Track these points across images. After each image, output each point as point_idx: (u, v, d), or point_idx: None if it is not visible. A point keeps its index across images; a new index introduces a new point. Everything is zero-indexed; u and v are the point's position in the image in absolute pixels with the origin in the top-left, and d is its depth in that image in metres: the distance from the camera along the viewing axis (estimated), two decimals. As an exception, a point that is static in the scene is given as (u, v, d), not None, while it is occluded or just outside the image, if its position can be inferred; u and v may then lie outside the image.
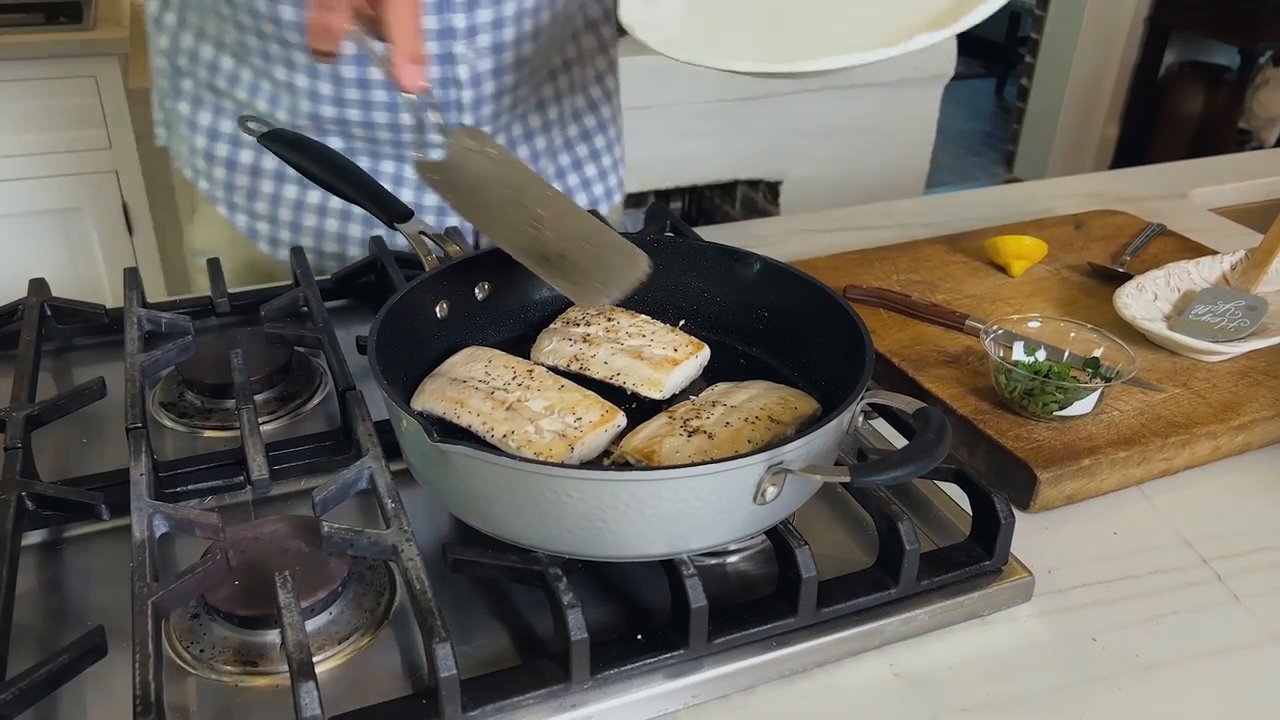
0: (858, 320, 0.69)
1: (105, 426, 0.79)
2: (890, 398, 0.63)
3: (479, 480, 0.57)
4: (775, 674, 0.61)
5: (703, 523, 0.57)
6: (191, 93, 1.01)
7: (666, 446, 0.64)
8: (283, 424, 0.80)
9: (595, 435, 0.66)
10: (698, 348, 0.76)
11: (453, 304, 0.76)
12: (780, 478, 0.56)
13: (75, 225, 2.13)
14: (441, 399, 0.68)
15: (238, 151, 1.01)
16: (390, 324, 0.68)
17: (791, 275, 0.77)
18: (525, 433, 0.65)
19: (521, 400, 0.67)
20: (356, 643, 0.61)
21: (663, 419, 0.68)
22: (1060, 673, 0.62)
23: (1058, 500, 0.75)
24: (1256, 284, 0.96)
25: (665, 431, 0.66)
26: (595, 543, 0.57)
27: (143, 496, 0.63)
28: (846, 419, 0.61)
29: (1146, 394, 0.82)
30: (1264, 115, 3.80)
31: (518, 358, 0.72)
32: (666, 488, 0.55)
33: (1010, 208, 1.25)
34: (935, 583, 0.64)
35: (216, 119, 1.01)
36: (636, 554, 0.58)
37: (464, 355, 0.73)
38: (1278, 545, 0.73)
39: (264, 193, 1.02)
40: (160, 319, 0.83)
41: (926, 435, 0.58)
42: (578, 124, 1.11)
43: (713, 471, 0.55)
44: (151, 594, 0.56)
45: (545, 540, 0.58)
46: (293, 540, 0.64)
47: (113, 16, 2.11)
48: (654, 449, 0.64)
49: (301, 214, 1.02)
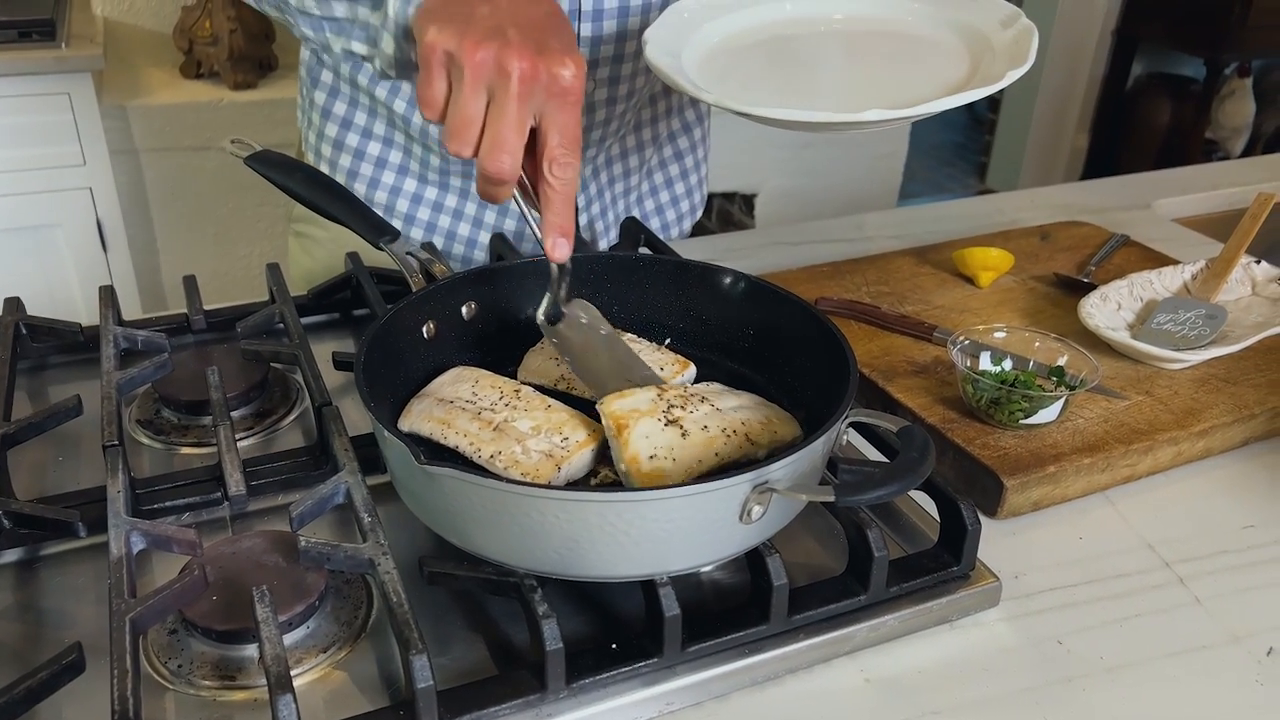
0: (842, 339, 0.70)
1: (82, 445, 0.79)
2: (873, 416, 0.65)
3: (465, 501, 0.58)
4: (748, 681, 0.62)
5: (690, 542, 0.58)
6: (330, 84, 1.06)
7: (639, 428, 0.64)
8: (259, 440, 0.81)
9: (582, 455, 0.66)
10: (684, 366, 0.77)
11: (439, 324, 0.77)
12: (766, 497, 0.57)
13: (49, 242, 2.12)
14: (428, 419, 0.69)
15: (366, 142, 1.06)
16: (377, 345, 0.68)
17: (774, 293, 0.78)
18: (512, 453, 0.66)
19: (508, 420, 0.68)
20: (334, 655, 0.61)
21: (651, 394, 0.67)
22: (1027, 675, 0.64)
23: (1024, 507, 0.77)
24: (1216, 293, 0.98)
25: (647, 410, 0.66)
26: (580, 564, 0.58)
27: (120, 513, 0.63)
28: (830, 439, 0.63)
29: (1110, 402, 0.84)
30: (1229, 126, 3.87)
31: (504, 378, 0.73)
32: (653, 508, 0.56)
33: (978, 220, 1.27)
34: (904, 589, 0.66)
35: (351, 110, 1.05)
36: (624, 574, 0.59)
37: (451, 375, 0.73)
38: (1237, 548, 0.75)
39: (385, 183, 1.07)
40: (136, 337, 0.84)
41: (910, 454, 0.59)
42: (672, 145, 1.16)
43: (700, 491, 0.56)
44: (129, 610, 0.56)
45: (532, 561, 0.59)
46: (270, 555, 0.65)
47: (86, 34, 2.11)
48: (627, 424, 0.64)
49: (417, 207, 1.07)
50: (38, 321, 0.88)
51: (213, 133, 2.19)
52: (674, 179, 1.18)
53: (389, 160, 1.06)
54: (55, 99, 2.00)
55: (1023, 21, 0.83)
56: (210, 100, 2.19)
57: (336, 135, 1.06)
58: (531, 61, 0.63)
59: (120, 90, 2.17)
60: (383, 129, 1.04)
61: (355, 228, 0.83)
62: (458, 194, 1.06)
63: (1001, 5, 0.86)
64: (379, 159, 1.06)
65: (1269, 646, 0.66)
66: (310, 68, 1.07)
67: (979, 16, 0.87)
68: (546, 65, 0.63)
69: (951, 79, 0.82)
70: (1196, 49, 3.70)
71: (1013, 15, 0.85)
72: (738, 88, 0.83)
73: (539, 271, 0.81)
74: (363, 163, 1.06)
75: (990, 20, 0.86)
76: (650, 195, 1.16)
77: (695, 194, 1.22)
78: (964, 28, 0.88)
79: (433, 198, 1.06)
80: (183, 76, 2.28)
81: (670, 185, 1.18)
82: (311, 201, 0.85)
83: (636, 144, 1.11)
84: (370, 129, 1.05)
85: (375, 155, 1.06)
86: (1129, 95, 3.97)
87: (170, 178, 2.22)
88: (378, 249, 0.82)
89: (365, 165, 1.06)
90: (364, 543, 0.61)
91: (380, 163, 1.06)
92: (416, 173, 1.05)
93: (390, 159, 1.06)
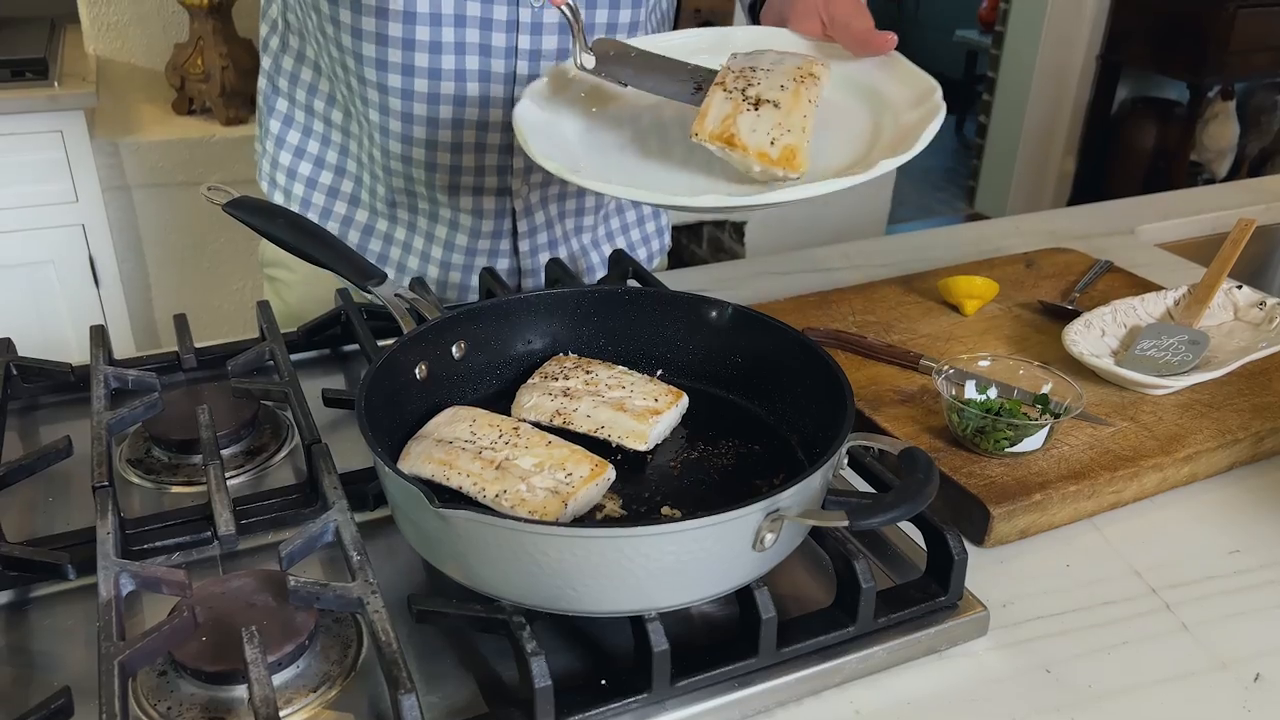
0: (833, 363, 0.71)
1: (72, 485, 0.79)
2: (874, 439, 0.65)
3: (481, 543, 0.58)
4: (738, 715, 0.62)
5: (709, 572, 0.59)
6: (285, 112, 1.08)
7: (743, 125, 0.68)
8: (250, 478, 0.81)
9: (587, 490, 0.67)
10: (677, 396, 0.77)
11: (431, 365, 0.77)
12: (778, 524, 0.58)
13: (41, 279, 2.12)
14: (429, 461, 0.69)
15: (319, 171, 1.08)
16: (375, 390, 0.69)
17: (762, 321, 0.79)
18: (517, 491, 0.66)
19: (510, 459, 0.68)
20: (324, 694, 0.61)
21: (719, 94, 0.72)
22: (1016, 705, 0.64)
23: (1012, 535, 0.77)
24: (1199, 319, 0.99)
25: (731, 110, 0.69)
26: (599, 599, 0.58)
27: (109, 555, 0.63)
28: (835, 462, 0.63)
29: (1095, 428, 0.85)
30: (1214, 148, 3.91)
31: (501, 415, 0.73)
32: (672, 540, 0.56)
33: (964, 247, 1.28)
34: (892, 620, 0.66)
35: (305, 139, 1.08)
36: (643, 607, 0.59)
37: (447, 416, 0.73)
38: (1223, 573, 0.76)
39: (337, 213, 1.09)
40: (127, 376, 0.84)
41: (916, 475, 0.60)
42: None
43: (718, 522, 0.57)
44: (118, 653, 0.56)
45: (544, 599, 0.59)
46: (260, 595, 0.65)
47: (78, 72, 2.12)
48: (731, 131, 0.68)
49: (368, 239, 1.09)
50: (29, 362, 0.89)
51: (205, 168, 2.21)
52: (630, 225, 1.19)
53: (341, 190, 1.08)
54: (48, 136, 2.02)
55: (935, 99, 0.77)
56: (202, 136, 2.20)
57: (290, 164, 1.09)
58: None
59: (113, 127, 2.18)
60: (335, 158, 1.07)
61: (341, 271, 0.82)
62: (405, 226, 1.07)
63: (921, 79, 0.80)
64: (331, 188, 1.08)
65: (1256, 672, 0.67)
66: (267, 96, 1.09)
67: (893, 89, 0.81)
68: None
69: (844, 156, 0.77)
70: (1180, 73, 3.75)
71: (927, 92, 0.79)
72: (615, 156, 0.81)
73: (528, 308, 0.82)
74: (314, 192, 1.09)
75: (904, 94, 0.80)
76: (607, 240, 1.17)
77: (654, 241, 1.23)
78: (873, 97, 0.82)
79: (383, 229, 1.08)
80: (175, 113, 2.29)
81: (626, 231, 1.19)
82: (294, 246, 0.84)
83: None
84: (323, 158, 1.07)
85: (327, 185, 1.08)
86: (1115, 119, 4.01)
87: (162, 213, 2.23)
88: (365, 292, 0.82)
89: (318, 195, 1.09)
90: (353, 581, 0.61)
91: (333, 192, 1.08)
92: (368, 202, 1.07)
93: (342, 189, 1.08)
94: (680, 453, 0.76)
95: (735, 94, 0.73)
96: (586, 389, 0.77)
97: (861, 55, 0.85)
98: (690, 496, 0.71)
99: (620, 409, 0.75)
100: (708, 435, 0.77)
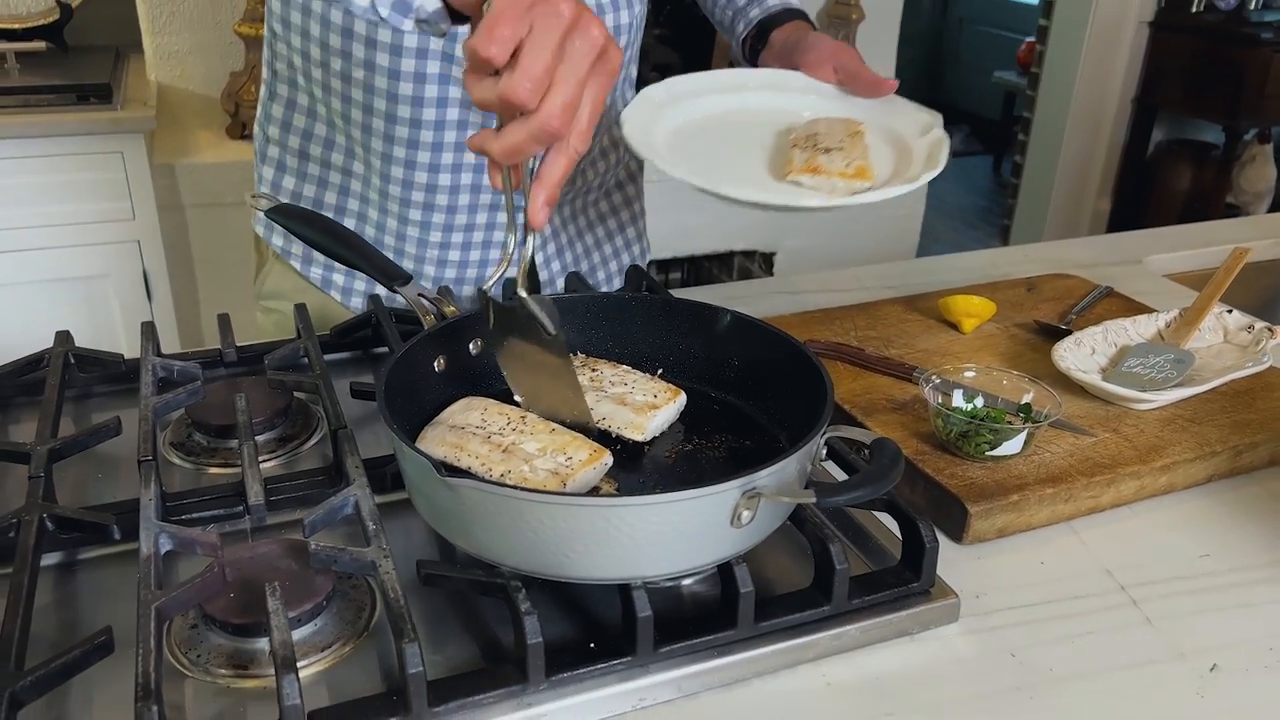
0: (817, 362, 0.77)
1: (119, 464, 0.86)
2: (851, 430, 0.71)
3: (484, 512, 0.64)
4: (717, 681, 0.67)
5: (688, 545, 0.64)
6: (277, 158, 1.14)
7: (822, 161, 0.89)
8: (280, 462, 0.88)
9: (585, 472, 0.72)
10: (675, 394, 0.83)
11: (449, 359, 0.83)
12: (754, 502, 0.63)
13: (98, 291, 2.23)
14: (442, 444, 0.75)
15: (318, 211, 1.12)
16: (396, 375, 0.75)
17: (757, 327, 0.85)
18: (521, 471, 0.72)
19: (516, 443, 0.74)
20: (338, 651, 0.67)
21: (796, 151, 0.92)
22: (979, 683, 0.68)
23: (989, 533, 0.81)
24: (1188, 339, 1.03)
25: (809, 156, 0.90)
26: (584, 566, 0.64)
27: (150, 518, 0.70)
28: (811, 449, 0.69)
29: (1077, 438, 0.89)
30: (1250, 190, 3.91)
31: (510, 405, 0.80)
32: (655, 512, 0.62)
33: (971, 272, 1.33)
34: (865, 601, 0.71)
35: (300, 184, 1.13)
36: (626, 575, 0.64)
37: (461, 405, 0.80)
38: (1194, 575, 0.79)
39: None
40: (173, 366, 0.91)
41: (882, 461, 0.65)
42: (608, 200, 1.23)
43: (695, 496, 0.62)
44: (155, 600, 0.63)
45: (539, 565, 0.64)
46: (284, 559, 0.71)
47: (139, 98, 2.25)
48: (815, 164, 0.89)
49: None
50: (84, 353, 0.97)
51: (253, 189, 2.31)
52: (613, 232, 1.24)
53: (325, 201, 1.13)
54: (110, 157, 2.13)
55: (936, 132, 0.96)
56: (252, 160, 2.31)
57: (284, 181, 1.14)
58: (603, 31, 0.63)
59: (170, 150, 2.30)
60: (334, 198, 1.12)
61: (369, 272, 0.90)
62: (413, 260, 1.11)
63: (920, 115, 0.99)
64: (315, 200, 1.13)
65: (1213, 663, 0.70)
66: (261, 143, 1.15)
67: (902, 123, 0.99)
68: (609, 40, 0.64)
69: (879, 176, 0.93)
70: (1215, 116, 3.76)
71: (929, 124, 0.97)
72: (702, 166, 0.91)
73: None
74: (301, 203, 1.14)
75: (912, 127, 0.98)
76: (595, 249, 1.22)
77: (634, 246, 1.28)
78: (890, 132, 0.99)
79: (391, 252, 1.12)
80: (228, 137, 2.41)
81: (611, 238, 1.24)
82: (328, 248, 0.93)
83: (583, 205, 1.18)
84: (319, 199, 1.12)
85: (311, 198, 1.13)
86: (1150, 161, 4.03)
87: (213, 231, 2.34)
88: (392, 292, 0.89)
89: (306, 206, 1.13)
90: (368, 546, 0.67)
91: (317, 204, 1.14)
92: (374, 238, 1.10)
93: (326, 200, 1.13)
94: (676, 445, 0.81)
95: (808, 148, 0.92)
96: (591, 384, 0.83)
97: (872, 96, 1.02)
98: (681, 483, 0.77)
99: (621, 403, 0.80)
100: (703, 431, 0.83)
